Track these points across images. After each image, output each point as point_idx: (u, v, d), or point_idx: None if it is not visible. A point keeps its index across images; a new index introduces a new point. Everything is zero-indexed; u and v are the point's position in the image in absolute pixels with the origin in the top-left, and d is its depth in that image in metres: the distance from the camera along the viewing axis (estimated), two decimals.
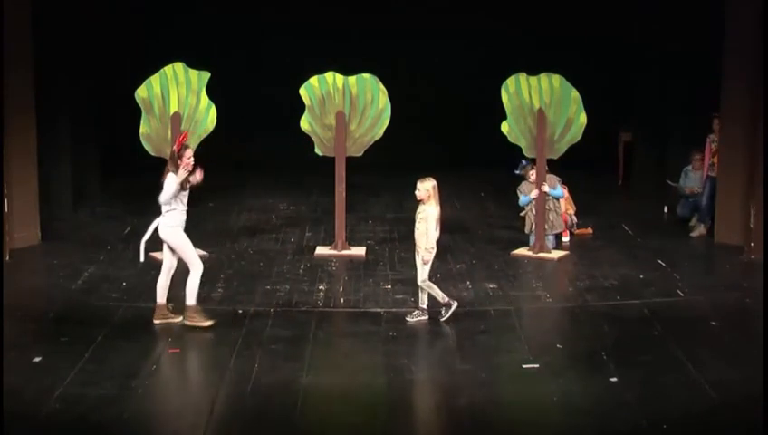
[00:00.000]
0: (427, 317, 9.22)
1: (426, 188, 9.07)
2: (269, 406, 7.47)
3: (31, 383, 7.66)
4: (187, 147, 9.01)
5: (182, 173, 8.85)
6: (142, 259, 9.17)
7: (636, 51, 15.30)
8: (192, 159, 9.00)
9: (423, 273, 9.17)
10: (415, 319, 9.21)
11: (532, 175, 11.67)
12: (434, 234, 9.07)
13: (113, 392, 7.51)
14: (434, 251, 9.13)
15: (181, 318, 9.07)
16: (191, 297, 9.00)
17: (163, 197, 8.86)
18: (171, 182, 8.84)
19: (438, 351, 8.58)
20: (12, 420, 6.85)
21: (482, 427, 7.24)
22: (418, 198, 9.14)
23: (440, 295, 9.20)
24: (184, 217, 9.02)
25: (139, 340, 8.71)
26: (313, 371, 8.03)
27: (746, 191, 11.54)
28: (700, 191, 12.77)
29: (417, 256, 9.26)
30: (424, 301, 9.25)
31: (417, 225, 9.16)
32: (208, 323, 8.99)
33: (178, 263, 9.15)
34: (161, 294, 9.12)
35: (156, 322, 9.08)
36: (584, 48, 16.49)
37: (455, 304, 9.20)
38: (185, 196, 9.01)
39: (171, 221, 8.94)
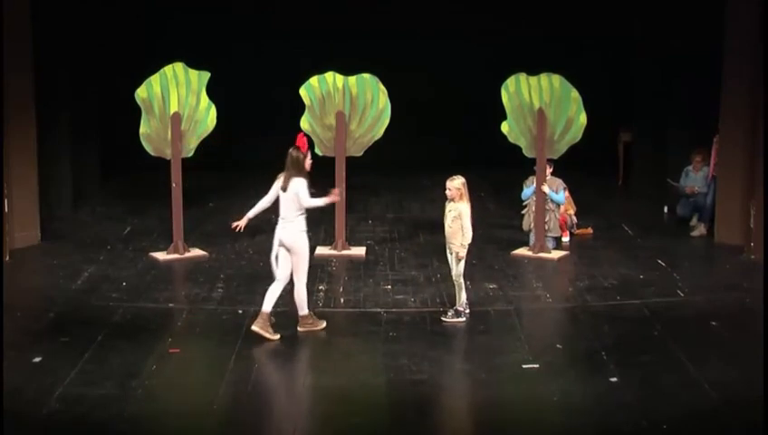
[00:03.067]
0: (463, 320, 9.21)
1: (455, 186, 9.11)
2: (269, 406, 7.48)
3: (31, 383, 7.65)
4: (309, 150, 8.98)
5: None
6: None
7: (636, 51, 15.30)
8: (311, 161, 8.97)
9: (458, 269, 9.18)
10: (450, 320, 9.23)
11: (549, 170, 11.67)
12: (470, 231, 9.10)
13: (113, 392, 7.51)
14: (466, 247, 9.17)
15: (279, 336, 8.80)
16: (303, 308, 8.92)
17: (312, 202, 8.82)
18: (305, 187, 8.75)
19: (438, 351, 8.58)
20: (12, 420, 6.85)
21: (482, 427, 7.24)
22: (449, 197, 9.16)
23: (462, 299, 9.21)
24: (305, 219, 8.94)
25: (139, 340, 8.71)
26: (313, 371, 8.02)
27: (746, 191, 11.54)
28: (700, 191, 12.78)
29: (449, 254, 9.27)
30: (462, 300, 9.25)
31: (449, 223, 9.16)
32: (322, 325, 8.99)
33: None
34: (271, 302, 8.83)
35: (254, 328, 8.75)
36: (585, 48, 16.49)
37: (464, 318, 9.20)
38: None
39: (302, 226, 8.85)
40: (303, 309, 8.95)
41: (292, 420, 7.19)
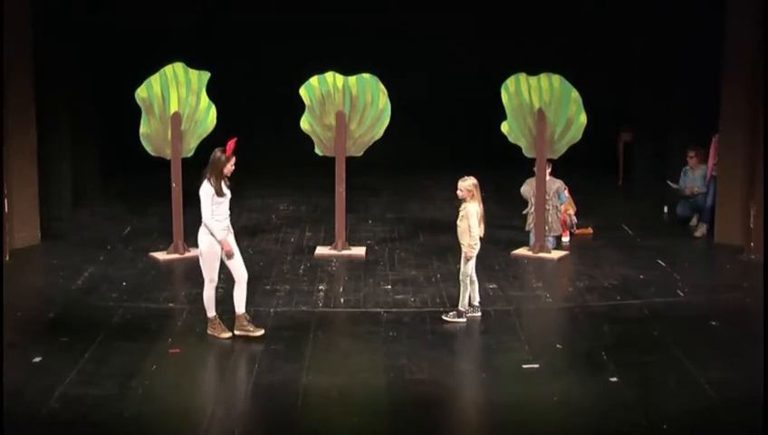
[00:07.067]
0: (464, 320, 9.21)
1: (466, 186, 9.20)
2: (269, 406, 7.48)
3: (31, 383, 7.66)
4: (233, 156, 8.85)
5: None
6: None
7: (636, 51, 15.28)
8: (233, 168, 8.85)
9: (465, 269, 9.21)
10: (451, 320, 9.24)
11: (548, 168, 11.67)
12: (477, 230, 9.14)
13: (113, 392, 7.51)
14: (477, 247, 9.20)
15: (262, 331, 8.87)
16: (210, 310, 8.83)
17: (209, 222, 8.68)
18: (209, 199, 8.67)
19: (438, 351, 8.57)
20: (12, 420, 6.84)
21: (482, 427, 7.24)
22: (460, 197, 9.25)
23: (464, 301, 9.23)
24: (222, 224, 8.75)
25: (139, 340, 8.71)
26: (313, 371, 8.02)
27: (746, 191, 11.54)
28: (700, 191, 12.77)
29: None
30: (465, 301, 9.27)
31: (458, 222, 9.27)
32: (226, 334, 8.79)
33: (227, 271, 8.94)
34: (210, 307, 8.84)
35: (237, 332, 8.82)
36: (584, 48, 16.48)
37: (464, 319, 9.21)
38: (221, 204, 8.77)
39: (205, 228, 8.75)
40: (210, 311, 8.83)
41: (292, 420, 7.19)
